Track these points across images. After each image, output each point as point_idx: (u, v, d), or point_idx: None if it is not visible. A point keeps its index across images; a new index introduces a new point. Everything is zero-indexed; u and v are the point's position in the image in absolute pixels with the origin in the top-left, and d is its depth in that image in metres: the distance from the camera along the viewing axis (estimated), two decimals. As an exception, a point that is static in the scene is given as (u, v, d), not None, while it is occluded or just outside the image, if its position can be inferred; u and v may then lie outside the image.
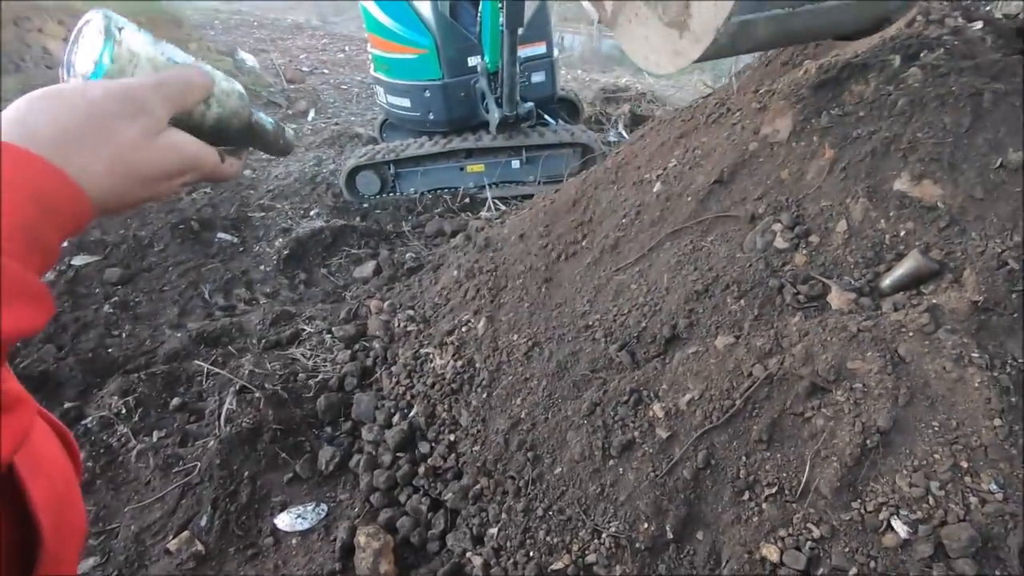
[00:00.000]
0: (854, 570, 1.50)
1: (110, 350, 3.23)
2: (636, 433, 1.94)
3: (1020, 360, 1.63)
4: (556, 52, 5.52)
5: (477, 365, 2.60)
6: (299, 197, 5.33)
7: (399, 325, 3.19)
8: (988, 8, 2.34)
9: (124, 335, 3.40)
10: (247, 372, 2.87)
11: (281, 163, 6.18)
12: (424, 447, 2.46)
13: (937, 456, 1.55)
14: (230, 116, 0.75)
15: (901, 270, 1.81)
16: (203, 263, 4.12)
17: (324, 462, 2.48)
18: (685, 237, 2.33)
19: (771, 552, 1.60)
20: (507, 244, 3.15)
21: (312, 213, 5.02)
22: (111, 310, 3.55)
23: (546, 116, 5.66)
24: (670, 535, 1.76)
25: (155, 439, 2.59)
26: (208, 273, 4.03)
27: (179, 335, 3.32)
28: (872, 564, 1.49)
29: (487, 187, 5.12)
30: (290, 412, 2.69)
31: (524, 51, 5.01)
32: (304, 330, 3.36)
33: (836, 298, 1.87)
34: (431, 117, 5.26)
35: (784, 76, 2.59)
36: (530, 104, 4.98)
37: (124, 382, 2.83)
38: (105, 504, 2.32)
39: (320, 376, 2.94)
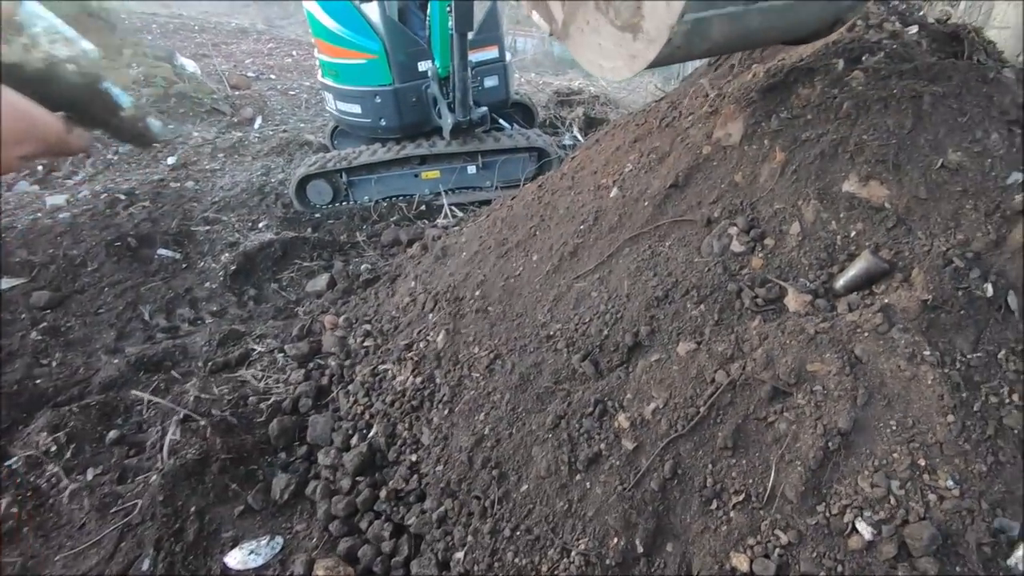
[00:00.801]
0: (822, 574, 1.50)
1: (38, 381, 2.99)
2: (602, 445, 1.90)
3: (968, 356, 1.66)
4: (509, 56, 5.48)
5: (438, 380, 2.51)
6: (246, 208, 5.11)
7: (356, 340, 3.07)
8: (922, 12, 2.43)
9: (54, 364, 3.15)
10: (192, 398, 2.70)
11: (227, 173, 5.93)
12: (386, 469, 2.36)
13: (896, 455, 1.57)
14: (62, 64, 0.64)
15: (853, 270, 1.84)
16: (142, 282, 3.88)
17: (278, 491, 2.35)
18: (643, 242, 2.32)
19: (741, 561, 1.58)
20: (465, 253, 3.08)
21: (261, 225, 4.82)
22: (39, 337, 3.29)
23: (500, 120, 5.62)
24: (640, 549, 1.73)
25: (90, 477, 2.40)
26: (148, 293, 3.79)
27: (116, 361, 3.10)
28: (839, 568, 1.49)
29: (443, 194, 5.03)
30: (240, 439, 2.54)
31: (476, 55, 4.95)
32: (254, 350, 3.20)
33: (793, 300, 1.88)
34: (383, 123, 5.13)
35: (734, 80, 2.62)
36: (484, 109, 4.93)
37: (54, 416, 2.61)
38: (33, 553, 2.12)
39: (272, 399, 2.80)
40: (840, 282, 1.86)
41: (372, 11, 4.78)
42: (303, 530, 2.22)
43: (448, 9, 4.30)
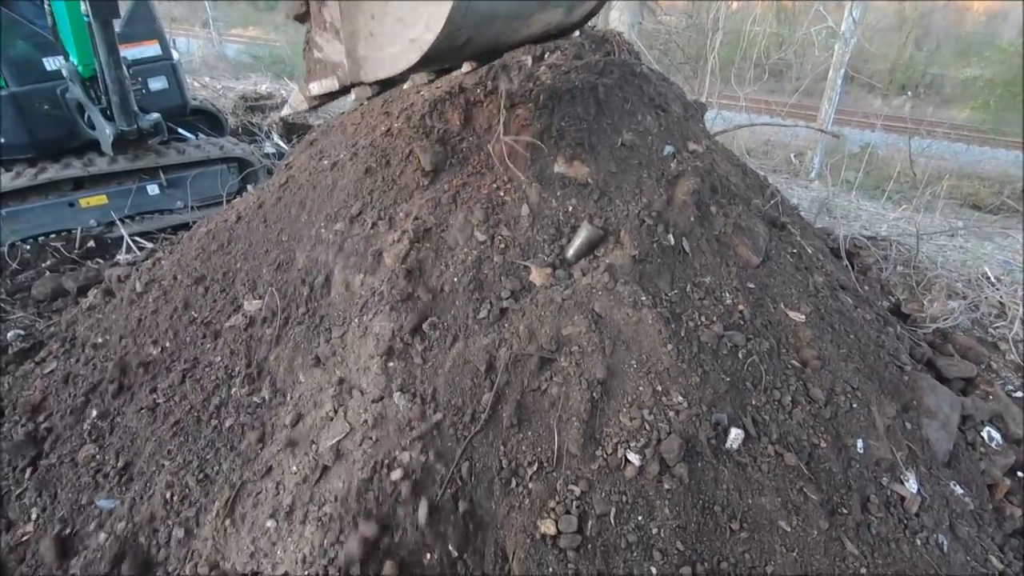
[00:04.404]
0: (613, 510, 1.68)
1: None
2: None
3: (669, 294, 2.06)
4: (176, 55, 4.66)
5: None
6: None
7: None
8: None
9: None
10: None
11: None
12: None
13: (641, 388, 1.85)
14: None
15: (578, 240, 2.09)
16: None
17: None
18: (389, 244, 2.23)
19: (548, 526, 1.66)
20: (175, 286, 2.51)
21: None
22: None
23: (181, 130, 4.77)
24: (455, 553, 1.67)
25: None
26: None
27: None
28: (623, 498, 1.70)
29: (119, 223, 4.03)
30: None
31: (130, 51, 4.07)
32: None
33: (537, 276, 2.05)
34: (0, 140, 3.83)
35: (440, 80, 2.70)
36: (156, 115, 4.08)
37: None
38: None
39: None
40: (570, 252, 2.09)
41: (-53, -12, 3.49)
42: None
43: (77, -10, 3.39)
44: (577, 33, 2.72)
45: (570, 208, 2.18)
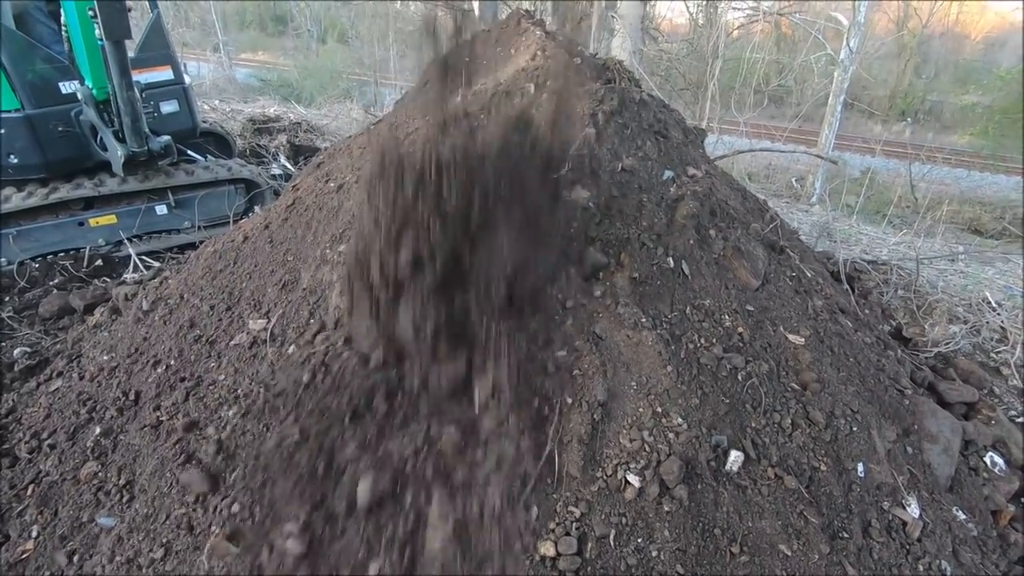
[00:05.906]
0: (613, 532, 1.68)
1: None
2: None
3: (669, 316, 2.08)
4: (188, 79, 4.77)
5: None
6: None
7: (24, 454, 2.24)
8: (580, 49, 2.97)
9: None
10: None
11: None
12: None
13: (642, 410, 1.86)
14: None
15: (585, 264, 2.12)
16: None
17: None
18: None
19: (548, 548, 1.66)
20: (181, 305, 2.54)
21: None
22: None
23: (190, 152, 4.86)
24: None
25: None
26: None
27: None
28: (623, 520, 1.69)
29: (126, 243, 4.09)
30: None
31: (144, 76, 4.18)
32: None
33: (539, 296, 2.07)
34: (14, 160, 3.91)
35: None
36: (166, 138, 4.17)
37: None
38: None
39: None
40: (572, 274, 2.12)
41: (-30, 14, 3.61)
42: None
43: (91, 13, 3.49)
44: (579, 60, 2.80)
45: (571, 231, 2.21)
